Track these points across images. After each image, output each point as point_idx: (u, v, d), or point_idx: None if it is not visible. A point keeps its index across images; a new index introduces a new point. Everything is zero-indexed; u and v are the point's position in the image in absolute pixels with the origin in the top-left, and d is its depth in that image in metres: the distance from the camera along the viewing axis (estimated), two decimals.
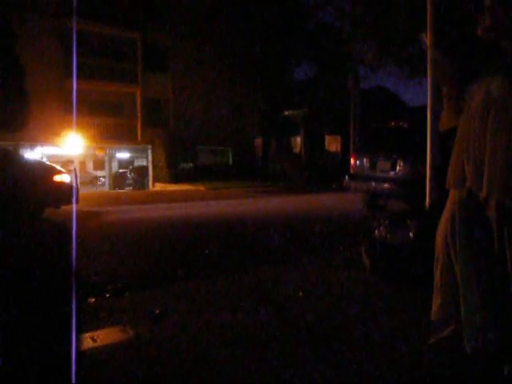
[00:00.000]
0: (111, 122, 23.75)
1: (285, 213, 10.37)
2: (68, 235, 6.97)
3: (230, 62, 25.26)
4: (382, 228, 4.68)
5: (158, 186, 23.68)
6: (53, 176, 7.89)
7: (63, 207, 8.58)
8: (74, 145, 21.36)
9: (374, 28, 10.23)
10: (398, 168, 8.22)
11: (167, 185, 23.26)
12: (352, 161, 9.58)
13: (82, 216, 9.35)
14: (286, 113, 29.14)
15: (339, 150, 29.60)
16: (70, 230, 7.39)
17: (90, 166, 32.68)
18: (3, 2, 19.68)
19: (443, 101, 2.43)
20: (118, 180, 27.73)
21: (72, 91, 20.79)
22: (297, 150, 29.57)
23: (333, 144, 30.85)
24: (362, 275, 4.20)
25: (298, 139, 29.66)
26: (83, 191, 19.46)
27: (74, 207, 8.39)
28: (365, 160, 9.03)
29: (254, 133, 29.10)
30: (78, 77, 21.03)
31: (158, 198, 16.99)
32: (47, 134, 20.89)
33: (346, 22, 11.72)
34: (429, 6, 5.16)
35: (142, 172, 26.52)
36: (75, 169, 22.83)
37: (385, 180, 8.40)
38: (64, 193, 8.18)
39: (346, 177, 9.63)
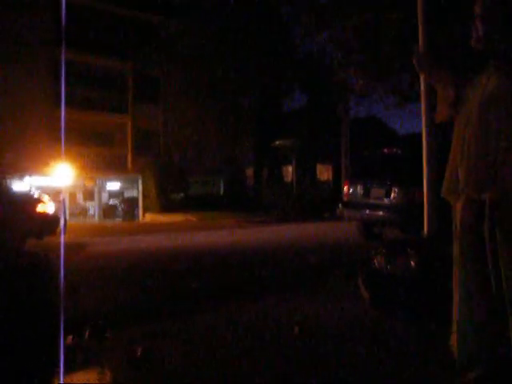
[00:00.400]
0: (101, 152, 23.58)
1: (277, 243, 10.09)
2: (49, 268, 6.65)
3: (221, 93, 25.34)
4: (379, 257, 4.44)
5: (149, 217, 23.34)
6: (35, 206, 7.57)
7: (50, 238, 8.27)
8: (64, 175, 21.06)
9: (363, 55, 10.26)
10: (392, 195, 8.04)
11: (158, 215, 22.92)
12: (345, 189, 9.41)
13: (67, 247, 9.00)
14: (277, 142, 29.19)
15: (330, 178, 29.63)
16: (52, 263, 7.08)
17: (79, 196, 32.30)
18: None
19: (437, 94, 2.38)
20: (107, 211, 27.36)
21: (60, 121, 20.60)
22: (288, 179, 29.53)
23: (324, 173, 30.91)
24: (361, 308, 3.93)
25: (290, 168, 29.64)
26: (72, 222, 19.10)
27: (62, 238, 8.10)
28: (358, 187, 8.85)
29: (245, 162, 29.04)
30: (67, 106, 20.90)
31: (147, 228, 16.68)
32: (36, 164, 20.61)
33: (335, 49, 11.77)
34: (420, 15, 5.06)
35: (132, 203, 26.20)
36: (64, 199, 22.52)
37: (379, 207, 8.21)
38: (47, 223, 7.86)
39: (340, 205, 9.44)
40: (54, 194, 18.86)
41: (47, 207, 7.83)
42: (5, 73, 20.11)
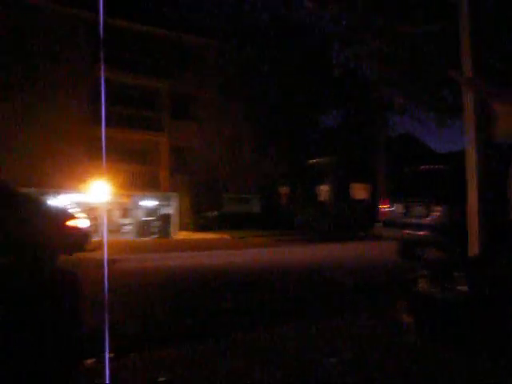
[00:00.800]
0: (137, 170, 23.76)
1: (314, 264, 9.71)
2: (78, 286, 6.53)
3: (256, 111, 25.30)
4: (423, 280, 4.08)
5: (183, 235, 23.29)
6: (66, 221, 7.45)
7: (82, 254, 8.19)
8: (100, 192, 21.31)
9: (402, 71, 9.91)
10: (434, 214, 7.58)
11: (192, 233, 22.87)
12: (384, 207, 8.98)
13: (97, 264, 8.91)
14: (313, 161, 28.86)
15: (366, 197, 28.97)
16: (81, 281, 6.96)
17: (115, 213, 32.68)
18: (29, 48, 20.35)
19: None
20: (142, 228, 27.52)
21: (97, 138, 20.89)
22: (322, 198, 29.08)
23: (360, 192, 30.26)
24: (404, 336, 3.56)
25: (324, 187, 29.21)
26: (108, 239, 19.13)
27: (105, 255, 7.99)
28: (398, 206, 8.43)
29: (279, 181, 28.79)
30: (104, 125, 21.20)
31: (181, 246, 16.54)
32: (72, 181, 20.93)
33: (372, 66, 11.45)
34: (465, 41, 4.76)
35: (166, 220, 26.26)
36: (99, 216, 22.77)
37: (420, 227, 7.75)
38: (78, 239, 7.73)
39: (378, 224, 9.02)
40: (90, 211, 19.10)
41: (78, 223, 7.71)
42: (45, 92, 20.65)
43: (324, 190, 29.24)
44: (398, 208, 8.38)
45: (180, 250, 14.20)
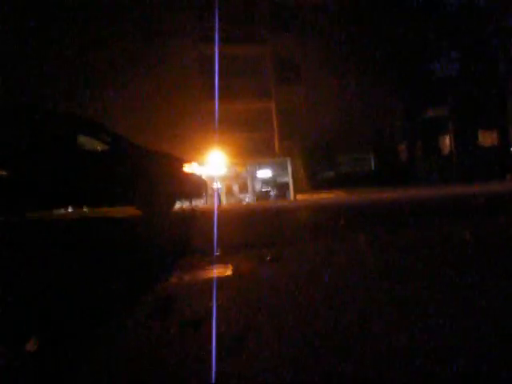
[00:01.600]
0: (249, 138, 24.10)
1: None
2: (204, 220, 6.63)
3: (364, 64, 24.12)
4: None
5: (299, 197, 23.26)
6: (182, 167, 7.57)
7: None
8: (217, 163, 22.00)
9: None
10: None
11: (308, 194, 22.72)
12: None
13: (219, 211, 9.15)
14: (430, 113, 26.89)
15: (496, 144, 26.41)
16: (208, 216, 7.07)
17: (235, 188, 33.72)
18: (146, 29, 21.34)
19: None
20: (260, 197, 28.15)
21: (209, 112, 21.43)
22: (446, 151, 27.06)
23: (488, 139, 27.65)
24: None
25: (447, 139, 27.14)
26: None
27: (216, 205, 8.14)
28: None
29: (396, 137, 27.33)
30: (213, 97, 21.75)
31: (298, 204, 16.49)
32: (190, 154, 21.81)
33: None
34: None
35: (283, 187, 26.53)
36: (219, 188, 23.55)
37: None
38: (195, 186, 7.85)
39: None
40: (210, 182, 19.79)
41: (194, 168, 7.83)
42: (157, 71, 21.63)
43: (447, 142, 27.18)
44: None
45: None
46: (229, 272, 2.51)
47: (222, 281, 2.28)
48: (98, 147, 7.16)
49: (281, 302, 1.84)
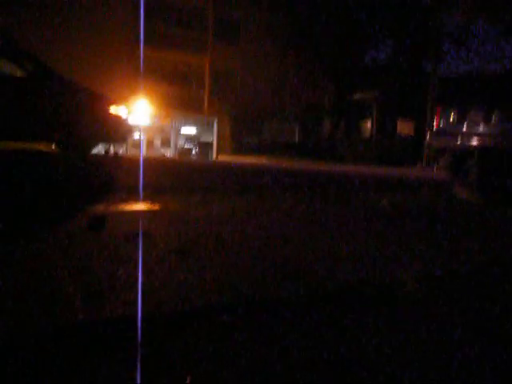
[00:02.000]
0: (178, 92, 23.57)
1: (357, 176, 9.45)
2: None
3: (303, 40, 24.27)
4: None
5: (221, 158, 23.33)
6: (106, 107, 7.22)
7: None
8: (142, 112, 21.28)
9: None
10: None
11: (231, 156, 22.83)
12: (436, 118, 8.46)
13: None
14: (357, 95, 27.78)
15: (412, 134, 27.95)
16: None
17: (157, 141, 32.92)
18: None
19: None
20: (182, 154, 27.79)
21: (138, 58, 20.59)
22: (366, 134, 28.26)
23: (405, 129, 29.18)
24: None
25: (368, 123, 28.30)
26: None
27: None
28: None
29: (322, 113, 28.05)
30: (147, 44, 20.90)
31: (219, 164, 16.59)
32: (118, 98, 20.95)
33: None
34: None
35: (206, 146, 26.37)
36: (143, 138, 22.92)
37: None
38: (120, 128, 7.55)
39: (428, 134, 8.56)
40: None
41: (120, 110, 7.50)
42: (86, 10, 20.35)
43: (368, 127, 28.36)
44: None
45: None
46: (156, 207, 2.56)
47: (150, 213, 2.33)
48: (17, 73, 6.65)
49: (202, 231, 1.94)
